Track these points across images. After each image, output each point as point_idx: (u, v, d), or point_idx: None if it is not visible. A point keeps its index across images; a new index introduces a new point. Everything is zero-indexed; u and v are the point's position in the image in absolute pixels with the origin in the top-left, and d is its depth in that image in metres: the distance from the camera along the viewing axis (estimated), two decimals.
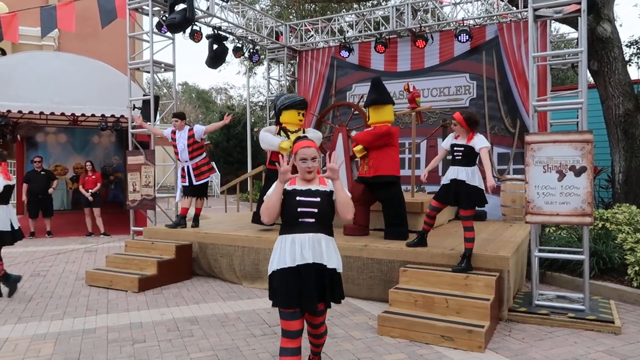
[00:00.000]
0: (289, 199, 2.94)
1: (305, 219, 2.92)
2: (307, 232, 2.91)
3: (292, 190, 2.97)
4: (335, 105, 8.82)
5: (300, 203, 2.92)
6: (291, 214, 2.93)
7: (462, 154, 4.94)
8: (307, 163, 2.95)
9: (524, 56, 8.59)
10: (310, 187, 2.97)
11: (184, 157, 7.21)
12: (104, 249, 9.08)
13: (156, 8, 8.52)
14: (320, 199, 2.94)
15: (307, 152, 2.96)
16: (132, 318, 4.97)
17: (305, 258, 2.87)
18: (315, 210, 2.91)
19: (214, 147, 28.51)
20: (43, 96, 10.05)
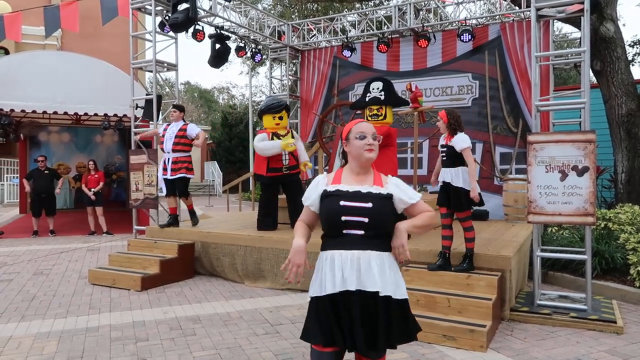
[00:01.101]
0: (330, 203, 2.31)
1: (351, 231, 2.26)
2: (352, 248, 2.26)
3: (334, 191, 2.33)
4: (338, 104, 8.83)
5: (345, 209, 2.26)
6: (332, 223, 2.29)
7: (445, 154, 4.94)
8: (366, 139, 2.32)
9: (527, 56, 8.58)
10: (360, 189, 2.31)
11: (168, 148, 7.09)
12: (106, 248, 9.10)
13: (159, 7, 8.53)
14: (373, 204, 2.27)
15: (366, 127, 2.35)
16: (135, 317, 4.99)
17: (347, 283, 2.22)
18: (366, 219, 2.24)
19: (216, 146, 28.58)
20: (46, 95, 10.08)
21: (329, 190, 2.35)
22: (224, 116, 29.90)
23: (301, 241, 2.35)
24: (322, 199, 2.37)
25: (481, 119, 9.16)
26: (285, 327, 4.62)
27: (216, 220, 8.49)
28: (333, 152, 7.28)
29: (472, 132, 9.22)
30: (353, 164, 2.40)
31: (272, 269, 6.18)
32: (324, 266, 2.31)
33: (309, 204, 2.47)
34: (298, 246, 2.32)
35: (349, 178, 2.38)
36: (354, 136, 2.35)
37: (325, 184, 2.41)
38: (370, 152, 2.32)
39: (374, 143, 2.34)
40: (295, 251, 2.31)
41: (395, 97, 6.17)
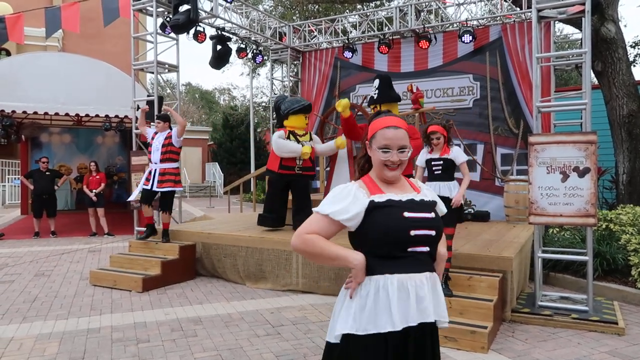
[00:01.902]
0: (390, 216, 1.86)
1: (418, 248, 1.87)
2: (423, 270, 1.87)
3: (386, 202, 1.90)
4: None
5: (413, 222, 1.86)
6: (397, 239, 1.85)
7: (441, 168, 4.78)
8: (390, 154, 1.91)
9: (528, 57, 8.58)
10: (413, 197, 1.95)
11: (155, 159, 6.87)
12: (108, 249, 9.11)
13: (160, 9, 8.54)
14: (435, 214, 1.97)
15: (393, 135, 1.92)
16: (136, 318, 4.99)
17: (426, 313, 1.83)
18: (433, 232, 1.90)
19: (217, 147, 28.60)
20: (47, 96, 10.10)
21: (378, 201, 1.89)
22: (225, 117, 29.93)
23: (361, 255, 1.88)
24: (371, 212, 1.88)
25: (482, 120, 9.16)
26: (286, 329, 4.62)
27: (217, 222, 8.49)
28: (334, 153, 7.28)
29: (473, 133, 9.23)
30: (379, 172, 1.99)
31: (274, 270, 6.18)
32: (383, 295, 1.81)
33: (345, 219, 1.90)
34: (363, 263, 1.86)
35: (385, 186, 1.97)
36: (377, 144, 1.93)
37: (367, 194, 1.93)
38: (392, 170, 1.93)
39: (399, 161, 1.92)
40: (363, 269, 1.85)
41: (384, 95, 6.08)
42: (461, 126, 9.04)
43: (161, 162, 6.83)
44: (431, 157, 4.87)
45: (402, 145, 1.92)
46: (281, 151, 6.55)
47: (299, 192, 6.80)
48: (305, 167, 6.69)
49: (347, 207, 1.90)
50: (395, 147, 1.91)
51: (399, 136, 1.91)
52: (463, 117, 9.29)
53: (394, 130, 1.92)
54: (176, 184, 6.86)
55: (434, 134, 4.80)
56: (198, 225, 8.07)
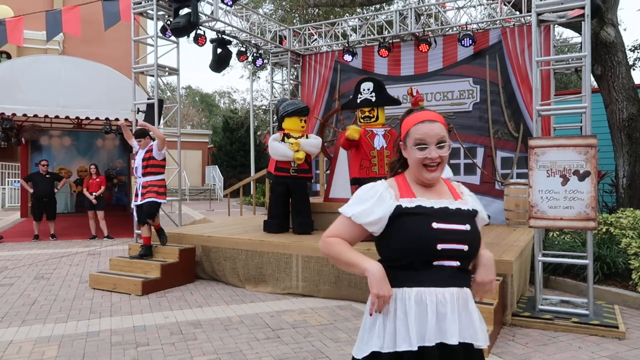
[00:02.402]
0: (417, 226, 1.69)
1: (445, 262, 1.68)
2: (448, 285, 1.67)
3: (414, 208, 1.71)
4: (339, 109, 8.83)
5: (441, 235, 1.67)
6: (422, 252, 1.67)
7: None
8: (428, 150, 1.72)
9: (528, 60, 8.59)
10: (447, 204, 1.74)
11: (138, 173, 6.82)
12: (107, 252, 9.10)
13: (161, 12, 8.56)
14: (470, 226, 1.73)
15: (429, 129, 1.73)
16: (136, 321, 4.98)
17: (447, 334, 1.63)
18: (465, 247, 1.68)
19: (217, 150, 28.62)
20: (48, 99, 10.11)
21: (407, 206, 1.71)
22: (225, 120, 29.97)
23: (377, 264, 1.70)
24: (396, 217, 1.71)
25: (482, 123, 9.17)
26: (286, 332, 4.61)
27: (217, 225, 8.49)
28: (334, 157, 7.28)
29: (473, 136, 9.24)
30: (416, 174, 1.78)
31: (274, 273, 6.17)
32: (400, 309, 1.66)
33: (367, 222, 1.74)
34: (379, 271, 1.66)
35: (420, 189, 1.77)
36: (412, 142, 1.74)
37: (395, 196, 1.75)
38: (432, 172, 1.73)
39: (439, 157, 1.72)
40: (379, 279, 1.65)
41: (385, 98, 6.20)
42: (461, 130, 9.05)
43: (143, 175, 6.77)
44: None
45: (441, 139, 1.72)
46: (274, 154, 6.71)
47: (297, 195, 6.83)
48: (301, 169, 6.73)
49: (371, 209, 1.74)
50: (432, 142, 1.71)
51: (435, 129, 1.72)
52: (463, 121, 9.29)
53: (429, 124, 1.73)
54: (159, 196, 6.67)
55: None
56: (198, 228, 8.06)
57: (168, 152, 9.44)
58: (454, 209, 1.74)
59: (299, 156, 6.58)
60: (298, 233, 6.70)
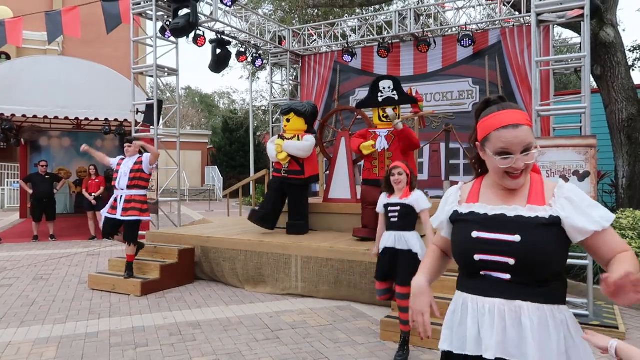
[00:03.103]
0: (460, 234, 1.64)
1: (492, 273, 1.54)
2: (493, 295, 1.53)
3: (466, 214, 1.64)
4: (338, 109, 8.83)
5: (479, 245, 1.55)
6: (463, 262, 1.63)
7: (398, 214, 3.95)
8: (511, 159, 1.53)
9: (527, 61, 8.60)
10: (505, 211, 1.56)
11: (122, 184, 6.25)
12: (106, 253, 9.09)
13: (160, 13, 8.56)
14: (523, 237, 1.49)
15: (514, 136, 1.51)
16: (135, 322, 4.97)
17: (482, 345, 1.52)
18: (510, 260, 1.50)
19: (217, 150, 28.62)
20: (47, 100, 10.10)
21: (461, 212, 1.65)
22: (225, 121, 29.98)
23: (421, 279, 1.71)
24: (454, 223, 1.68)
25: None
26: (285, 333, 4.60)
27: (216, 225, 8.48)
28: (334, 157, 7.28)
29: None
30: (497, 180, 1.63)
31: (273, 274, 6.17)
32: (456, 312, 1.64)
33: (438, 227, 1.81)
34: (417, 287, 1.70)
35: (490, 193, 1.64)
36: (493, 149, 1.55)
37: (457, 201, 1.71)
38: (516, 179, 1.55)
39: (525, 166, 1.53)
40: (415, 293, 1.68)
41: (407, 96, 6.26)
42: (461, 130, 9.05)
43: (128, 188, 6.23)
44: (389, 201, 4.03)
45: (527, 146, 1.51)
46: (268, 154, 7.00)
47: (290, 196, 6.92)
48: (291, 170, 6.76)
49: (438, 214, 1.81)
50: (517, 150, 1.51)
51: (520, 136, 1.50)
52: (462, 121, 9.30)
53: (513, 130, 1.51)
54: (142, 213, 6.24)
55: (396, 169, 3.99)
56: (197, 229, 8.05)
57: (167, 153, 9.47)
58: (511, 217, 1.54)
59: (280, 157, 6.69)
60: (288, 233, 6.72)
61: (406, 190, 3.97)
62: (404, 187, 3.98)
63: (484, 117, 1.63)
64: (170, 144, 9.50)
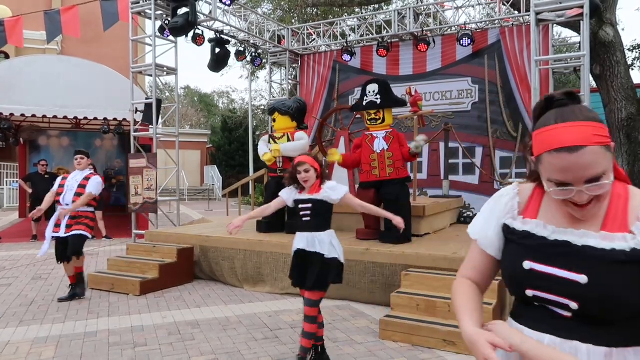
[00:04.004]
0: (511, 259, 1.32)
1: (551, 307, 1.24)
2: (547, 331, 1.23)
3: (522, 233, 1.29)
4: (338, 109, 8.82)
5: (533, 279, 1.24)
6: (513, 292, 1.34)
7: (311, 212, 3.59)
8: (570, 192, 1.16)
9: (527, 60, 8.59)
10: (572, 238, 1.20)
11: (67, 200, 5.68)
12: (105, 252, 9.08)
13: (159, 12, 8.55)
14: (590, 278, 1.15)
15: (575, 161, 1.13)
16: (134, 321, 4.97)
17: None
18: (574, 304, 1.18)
19: (216, 150, 28.61)
20: (46, 99, 10.09)
21: (516, 228, 1.30)
22: (224, 120, 29.96)
23: (469, 327, 1.27)
24: (505, 240, 1.35)
25: (481, 123, 9.16)
26: (284, 332, 4.60)
27: (216, 225, 8.47)
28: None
29: (472, 136, 9.23)
30: None
31: (272, 273, 6.16)
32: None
33: (478, 239, 1.41)
34: (470, 335, 1.24)
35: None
36: (545, 175, 1.21)
37: (514, 210, 1.35)
38: (582, 209, 1.17)
39: (589, 198, 1.15)
40: (472, 342, 1.23)
41: (390, 99, 6.17)
42: (460, 129, 9.05)
43: (74, 203, 5.68)
44: (300, 197, 3.65)
45: (592, 176, 1.12)
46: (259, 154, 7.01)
47: None
48: (286, 169, 6.73)
49: (482, 223, 1.40)
50: (578, 181, 1.14)
51: (582, 163, 1.11)
52: (462, 121, 9.29)
53: (569, 155, 1.12)
54: (88, 229, 5.71)
55: (301, 166, 3.55)
56: (196, 228, 8.04)
57: (167, 152, 9.47)
58: (577, 246, 1.18)
59: (265, 158, 6.74)
60: (287, 233, 6.72)
61: (316, 184, 3.59)
62: (314, 183, 3.60)
63: (539, 127, 1.23)
64: (170, 144, 9.50)
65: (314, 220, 3.60)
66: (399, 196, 5.95)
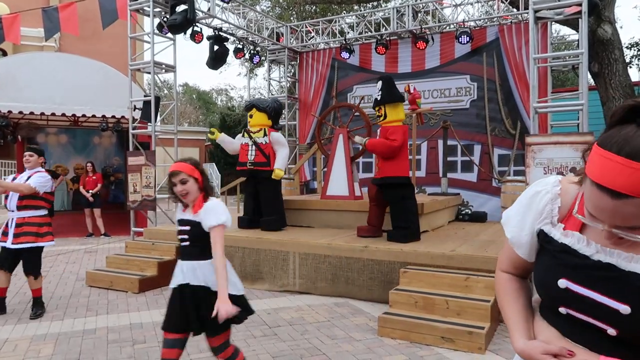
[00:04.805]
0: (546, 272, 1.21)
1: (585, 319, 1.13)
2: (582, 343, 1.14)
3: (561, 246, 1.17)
4: (336, 106, 8.82)
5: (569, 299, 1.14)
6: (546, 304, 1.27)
7: (189, 237, 2.88)
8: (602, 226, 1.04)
9: (525, 58, 8.60)
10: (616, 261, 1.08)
11: (12, 205, 4.95)
12: (104, 250, 9.07)
13: (157, 9, 8.54)
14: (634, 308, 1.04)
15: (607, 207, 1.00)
16: (133, 319, 4.97)
17: None
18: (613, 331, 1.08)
19: (214, 147, 28.58)
20: (44, 97, 10.07)
21: (554, 238, 1.19)
22: (222, 118, 29.92)
23: (519, 340, 1.21)
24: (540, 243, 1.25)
25: (479, 120, 9.17)
26: (283, 329, 4.60)
27: None
28: (331, 154, 7.27)
29: (471, 134, 9.24)
30: None
31: (271, 270, 6.17)
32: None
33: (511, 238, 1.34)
34: (523, 351, 1.18)
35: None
36: (585, 200, 1.07)
37: (553, 215, 1.22)
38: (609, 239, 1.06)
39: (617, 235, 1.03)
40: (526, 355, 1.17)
41: (388, 94, 6.05)
42: (458, 127, 9.06)
43: (19, 209, 4.94)
44: (181, 216, 2.92)
45: (632, 226, 1.00)
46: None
47: (261, 192, 6.82)
48: (258, 162, 6.70)
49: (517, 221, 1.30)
50: (612, 224, 1.02)
51: (621, 213, 0.98)
52: (460, 118, 9.30)
53: (610, 199, 0.98)
54: (39, 238, 4.99)
55: (176, 176, 2.78)
56: None
57: (165, 150, 9.45)
58: (623, 272, 1.05)
59: (211, 136, 6.96)
60: (263, 230, 6.70)
61: (199, 199, 2.82)
62: (196, 198, 2.81)
63: (602, 143, 1.01)
64: (168, 141, 9.50)
65: (193, 247, 2.88)
66: (385, 196, 5.98)
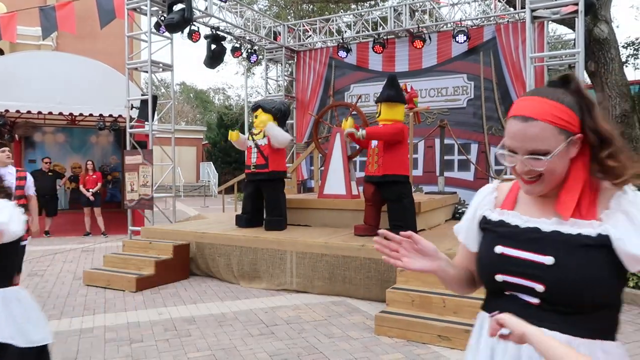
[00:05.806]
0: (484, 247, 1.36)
1: (519, 294, 1.26)
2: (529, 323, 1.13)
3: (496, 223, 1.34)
4: (333, 105, 8.83)
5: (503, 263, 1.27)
6: (484, 280, 1.37)
7: None
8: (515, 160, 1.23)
9: (522, 57, 8.62)
10: (541, 224, 1.25)
11: None
12: (101, 249, 9.07)
13: (154, 8, 8.53)
14: (557, 259, 1.18)
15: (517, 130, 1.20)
16: (130, 318, 4.98)
17: None
18: (540, 286, 1.19)
19: (212, 146, 28.56)
20: (41, 96, 10.05)
21: (491, 218, 1.35)
22: (220, 117, 29.92)
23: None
24: (482, 232, 1.39)
25: (476, 119, 9.20)
26: (280, 328, 4.62)
27: (212, 221, 8.47)
28: (329, 153, 7.29)
29: (467, 132, 9.27)
30: None
31: (268, 269, 6.18)
32: (475, 336, 1.41)
33: (460, 235, 1.47)
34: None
35: (531, 199, 1.31)
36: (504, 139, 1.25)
37: (492, 204, 1.39)
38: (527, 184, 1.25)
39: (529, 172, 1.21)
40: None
41: (385, 93, 6.07)
42: (455, 126, 9.07)
43: None
44: None
45: (534, 150, 1.18)
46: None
47: (264, 192, 6.89)
48: (258, 164, 6.77)
49: (464, 220, 1.47)
50: (522, 151, 1.20)
51: (528, 134, 1.18)
52: (457, 117, 9.32)
53: (520, 122, 1.19)
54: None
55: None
56: (192, 224, 8.05)
57: (162, 149, 9.45)
58: (546, 232, 1.22)
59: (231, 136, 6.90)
60: (266, 230, 6.72)
61: None
62: None
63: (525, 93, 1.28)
64: (165, 140, 9.49)
65: None
66: (384, 194, 5.97)
